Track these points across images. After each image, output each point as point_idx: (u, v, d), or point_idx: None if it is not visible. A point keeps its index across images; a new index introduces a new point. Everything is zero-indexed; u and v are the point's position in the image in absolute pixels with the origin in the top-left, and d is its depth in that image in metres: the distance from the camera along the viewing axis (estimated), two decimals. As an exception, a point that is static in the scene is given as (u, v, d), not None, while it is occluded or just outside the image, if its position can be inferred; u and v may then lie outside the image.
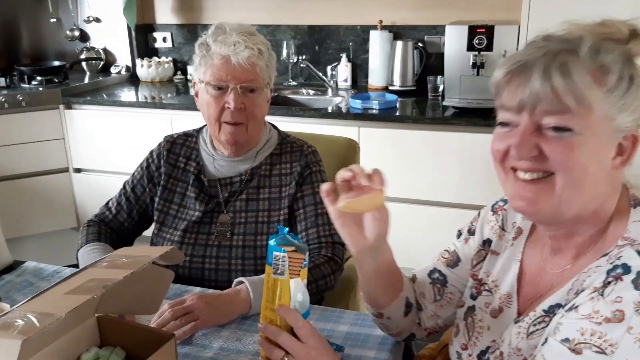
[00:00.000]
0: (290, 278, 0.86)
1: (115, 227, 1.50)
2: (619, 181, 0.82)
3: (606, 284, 0.73)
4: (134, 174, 1.52)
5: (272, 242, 0.87)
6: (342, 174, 0.88)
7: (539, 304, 0.85)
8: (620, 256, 0.74)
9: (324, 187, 0.90)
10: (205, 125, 1.52)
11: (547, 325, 0.81)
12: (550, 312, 0.82)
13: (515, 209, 0.84)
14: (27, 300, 0.81)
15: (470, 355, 0.95)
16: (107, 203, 1.53)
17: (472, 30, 2.45)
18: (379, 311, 1.04)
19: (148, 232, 1.56)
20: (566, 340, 0.74)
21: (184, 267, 1.40)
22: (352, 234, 0.92)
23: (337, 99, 2.87)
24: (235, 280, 1.25)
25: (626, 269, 0.72)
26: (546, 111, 0.75)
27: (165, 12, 3.39)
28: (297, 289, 0.86)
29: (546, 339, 0.78)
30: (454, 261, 1.06)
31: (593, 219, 0.82)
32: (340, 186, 0.89)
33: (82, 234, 1.45)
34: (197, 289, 1.31)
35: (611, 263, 0.74)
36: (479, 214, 1.06)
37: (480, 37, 2.43)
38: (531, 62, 0.76)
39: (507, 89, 0.79)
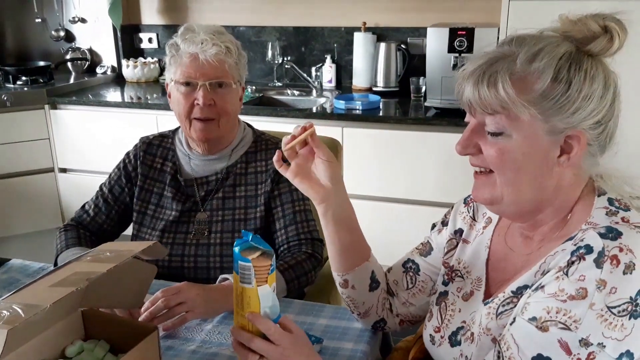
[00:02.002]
0: (258, 286, 0.85)
1: (94, 230, 1.50)
2: (579, 175, 0.86)
3: (570, 264, 0.78)
4: (110, 175, 1.53)
5: (236, 250, 0.85)
6: (284, 140, 0.99)
7: (508, 286, 0.90)
8: (584, 238, 0.79)
9: (275, 157, 1.00)
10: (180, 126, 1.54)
11: (515, 305, 0.85)
12: (518, 293, 0.87)
13: (473, 198, 0.95)
14: (13, 293, 0.83)
15: (442, 337, 1.00)
16: (84, 206, 1.54)
17: (453, 33, 2.50)
18: (344, 277, 1.08)
19: (126, 233, 1.57)
20: (533, 319, 0.78)
21: (163, 267, 1.40)
22: (311, 185, 1.00)
23: (322, 100, 2.91)
24: (220, 277, 1.27)
25: (589, 249, 0.77)
26: (481, 112, 0.83)
27: (151, 13, 3.40)
28: (265, 296, 0.85)
29: (514, 319, 0.83)
30: (426, 250, 1.12)
31: (553, 211, 0.88)
32: (287, 154, 0.99)
33: (60, 238, 1.43)
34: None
35: (575, 245, 0.80)
36: (452, 207, 1.11)
37: (461, 39, 2.48)
38: (471, 71, 0.83)
39: (458, 94, 0.87)
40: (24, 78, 3.07)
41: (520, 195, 0.85)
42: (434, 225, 1.14)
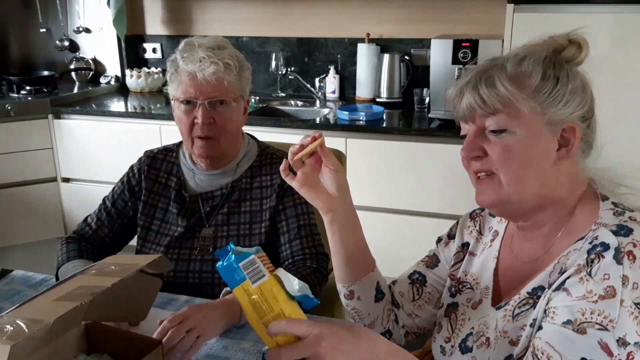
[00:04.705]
0: (272, 272, 0.79)
1: (95, 243, 1.49)
2: (576, 172, 0.90)
3: (590, 262, 0.79)
4: (113, 189, 1.53)
5: (232, 259, 0.78)
6: (292, 149, 0.99)
7: (522, 289, 0.91)
8: (597, 236, 0.81)
9: (282, 166, 0.99)
10: None
11: (532, 307, 0.87)
12: (534, 294, 0.88)
13: (478, 203, 0.95)
14: (17, 307, 0.82)
15: (452, 346, 1.01)
16: (86, 219, 1.52)
17: (457, 44, 2.50)
18: (350, 288, 1.07)
19: (132, 244, 1.56)
20: (568, 322, 0.78)
21: (167, 282, 1.38)
22: (317, 194, 1.00)
23: (325, 110, 2.91)
24: (225, 290, 1.26)
25: (605, 246, 0.79)
26: (483, 115, 0.88)
27: (155, 23, 3.42)
28: (286, 277, 0.79)
29: (541, 326, 0.82)
30: (433, 262, 1.13)
31: (553, 211, 0.91)
32: (294, 163, 0.99)
33: (61, 251, 1.42)
34: (183, 297, 1.32)
35: (590, 243, 0.82)
36: (457, 222, 1.14)
37: (465, 50, 2.48)
38: (467, 81, 0.90)
39: (456, 106, 0.93)
40: (27, 88, 3.08)
41: (526, 191, 0.88)
42: (439, 239, 1.16)
